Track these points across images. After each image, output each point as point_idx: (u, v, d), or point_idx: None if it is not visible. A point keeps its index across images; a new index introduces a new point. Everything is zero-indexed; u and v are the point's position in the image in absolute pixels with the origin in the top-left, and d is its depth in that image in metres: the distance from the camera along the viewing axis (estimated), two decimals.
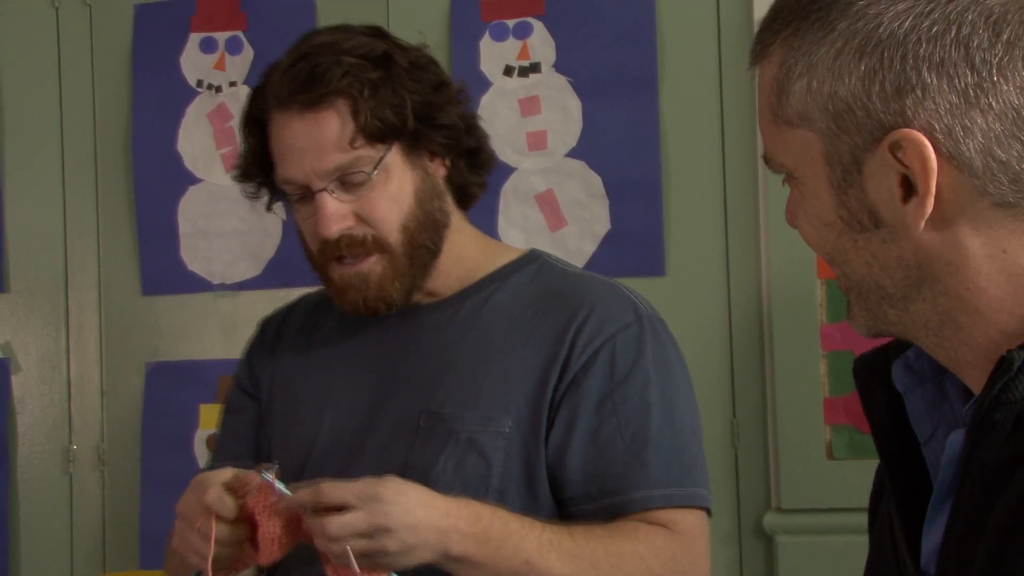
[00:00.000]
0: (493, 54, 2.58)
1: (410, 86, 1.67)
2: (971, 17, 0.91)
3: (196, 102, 2.73)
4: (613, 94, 2.54)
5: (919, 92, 0.92)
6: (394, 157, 1.67)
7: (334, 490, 1.47)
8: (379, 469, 1.59)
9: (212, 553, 1.50)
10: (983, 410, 0.92)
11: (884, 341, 1.11)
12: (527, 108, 2.58)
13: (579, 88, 2.56)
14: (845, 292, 1.04)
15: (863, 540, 1.17)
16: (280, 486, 1.51)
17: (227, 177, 2.71)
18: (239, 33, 2.72)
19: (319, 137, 1.64)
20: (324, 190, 1.65)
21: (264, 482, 1.51)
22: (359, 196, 1.66)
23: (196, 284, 2.72)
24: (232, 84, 2.71)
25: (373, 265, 1.68)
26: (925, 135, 0.92)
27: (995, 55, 0.91)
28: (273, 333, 1.90)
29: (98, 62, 2.77)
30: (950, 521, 0.94)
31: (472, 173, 1.78)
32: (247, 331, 2.69)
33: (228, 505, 1.51)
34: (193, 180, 2.73)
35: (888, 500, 1.08)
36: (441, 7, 2.63)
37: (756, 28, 2.84)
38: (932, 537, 0.99)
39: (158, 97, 2.73)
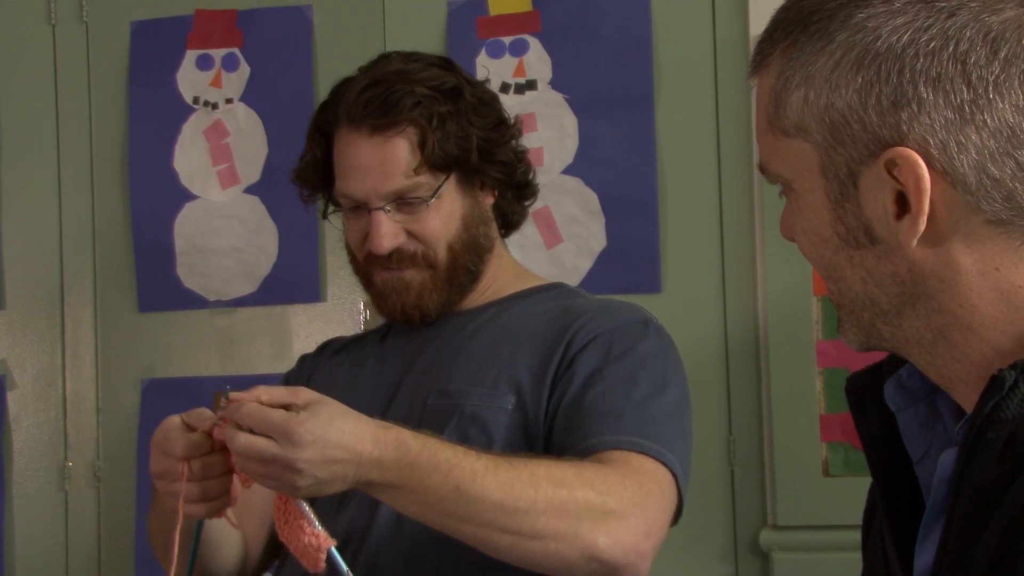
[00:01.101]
0: (489, 71, 2.59)
1: (475, 120, 1.77)
2: (969, 34, 0.91)
3: (192, 119, 2.73)
4: (609, 111, 2.55)
5: (915, 106, 0.93)
6: (450, 185, 1.76)
7: (255, 412, 1.45)
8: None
9: (184, 491, 1.50)
10: (975, 429, 0.92)
11: (877, 358, 1.11)
12: (523, 125, 2.58)
13: (575, 105, 2.56)
14: (837, 307, 1.04)
15: (859, 557, 1.16)
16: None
17: (223, 194, 2.71)
18: (235, 50, 2.72)
19: (385, 160, 1.73)
20: (381, 209, 1.74)
21: (221, 409, 1.49)
22: (412, 216, 1.75)
23: (192, 301, 2.71)
24: (228, 101, 2.72)
25: (415, 275, 1.77)
26: (920, 150, 0.92)
27: (992, 72, 0.91)
28: (313, 355, 2.00)
29: (95, 78, 2.77)
30: (942, 540, 0.94)
31: (517, 203, 1.89)
32: (243, 348, 2.72)
33: (192, 439, 1.51)
34: (189, 197, 2.72)
35: (881, 518, 1.08)
36: (438, 24, 2.64)
37: (752, 45, 2.85)
38: (924, 556, 0.98)
39: (154, 114, 2.73)
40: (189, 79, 2.73)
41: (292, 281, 2.68)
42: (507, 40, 2.60)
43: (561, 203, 2.55)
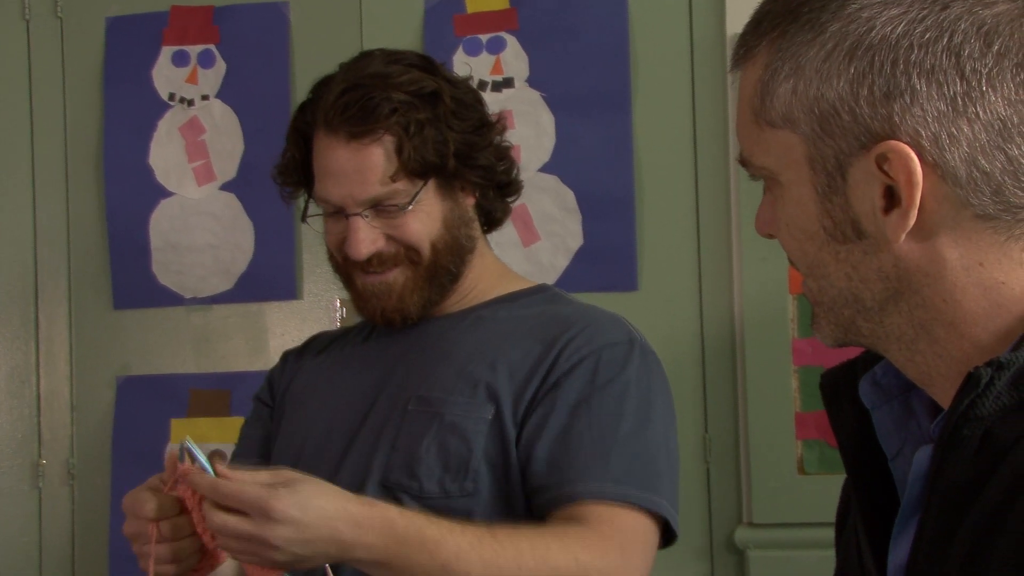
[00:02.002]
0: (466, 69, 2.58)
1: (454, 124, 1.76)
2: (964, 26, 0.92)
3: (168, 115, 2.72)
4: (586, 109, 2.55)
5: (907, 98, 0.93)
6: (429, 190, 1.75)
7: (229, 490, 1.45)
8: (371, 453, 1.68)
9: (152, 555, 1.49)
10: (950, 426, 0.92)
11: (852, 354, 1.11)
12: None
13: (552, 103, 2.57)
14: (814, 304, 1.03)
15: (834, 554, 1.17)
16: (202, 459, 1.48)
17: (199, 190, 2.71)
18: (211, 47, 2.71)
19: (362, 167, 1.72)
20: (359, 215, 1.73)
21: (182, 469, 1.48)
22: (391, 221, 1.74)
23: (167, 298, 2.70)
24: (204, 98, 2.71)
25: (398, 275, 1.77)
26: (911, 143, 0.92)
27: (985, 65, 0.92)
28: (297, 352, 1.99)
29: (69, 75, 2.75)
30: (917, 538, 0.94)
31: (500, 200, 1.87)
32: (219, 345, 2.71)
33: (162, 501, 1.50)
34: (165, 194, 2.71)
35: (855, 515, 1.08)
36: (415, 22, 2.63)
37: (730, 44, 2.84)
38: (898, 553, 0.98)
39: (130, 110, 2.72)
40: (165, 75, 2.72)
41: (268, 278, 2.67)
42: (484, 38, 2.60)
43: (538, 201, 2.55)
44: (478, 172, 1.80)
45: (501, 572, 1.53)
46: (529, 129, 2.57)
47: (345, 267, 1.80)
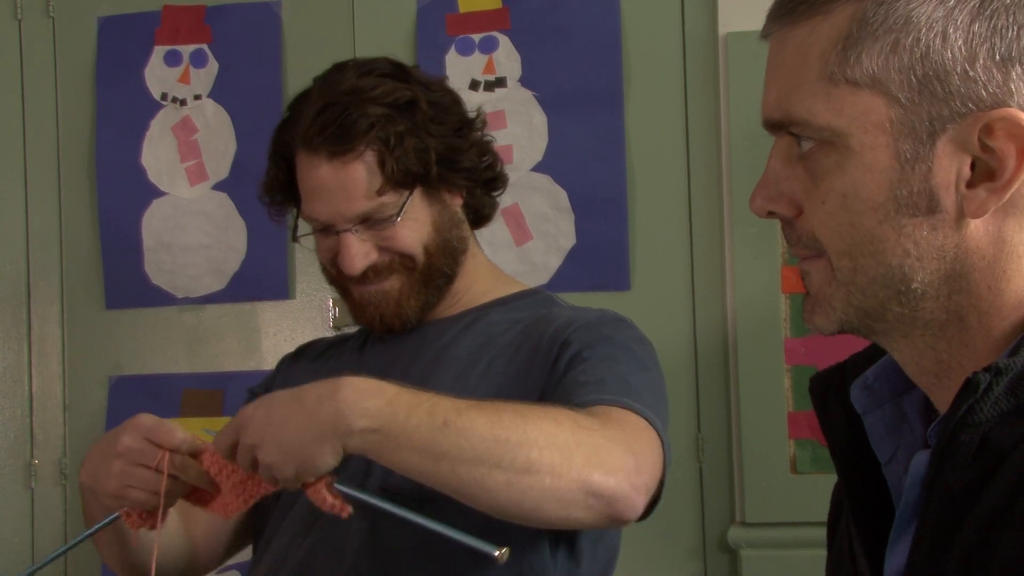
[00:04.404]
0: (459, 68, 2.58)
1: (434, 130, 1.74)
2: None
3: (160, 115, 2.72)
4: (579, 109, 2.55)
5: (1022, 67, 0.88)
6: (415, 198, 1.74)
7: (221, 435, 1.51)
8: (369, 463, 1.61)
9: (165, 482, 1.52)
10: (948, 432, 0.91)
11: (843, 356, 1.09)
12: (493, 122, 2.55)
13: (545, 103, 2.57)
14: (838, 285, 0.96)
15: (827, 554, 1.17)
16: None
17: (191, 190, 2.70)
18: (204, 46, 2.71)
19: (346, 184, 1.71)
20: (349, 231, 1.72)
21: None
22: (382, 233, 1.73)
23: (160, 298, 2.70)
24: (197, 97, 2.71)
25: (394, 282, 1.76)
26: None
27: None
28: (291, 357, 1.98)
29: (61, 74, 2.75)
30: (914, 544, 0.93)
31: (487, 196, 1.86)
32: (211, 345, 2.70)
33: (181, 434, 1.55)
34: (157, 193, 2.71)
35: (848, 520, 1.07)
36: (407, 21, 2.63)
37: (722, 43, 2.83)
38: (895, 559, 0.97)
39: (122, 110, 2.72)
40: (157, 75, 2.72)
41: (261, 278, 2.67)
42: (476, 37, 2.60)
43: (530, 200, 2.55)
44: (463, 174, 1.79)
45: (507, 427, 1.44)
46: (521, 129, 2.57)
47: (340, 279, 1.79)
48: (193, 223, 2.69)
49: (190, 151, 2.70)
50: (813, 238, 0.97)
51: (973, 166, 0.90)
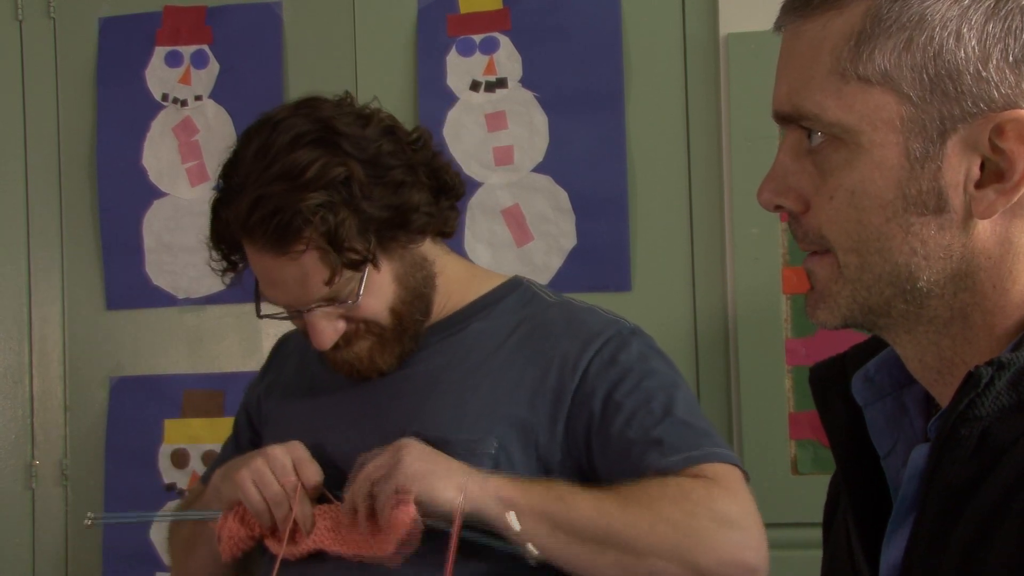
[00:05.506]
0: (460, 69, 2.58)
1: (376, 194, 1.66)
2: None
3: (161, 116, 2.72)
4: (579, 109, 2.55)
5: None
6: (371, 269, 1.69)
7: (356, 489, 1.62)
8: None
9: (295, 512, 1.64)
10: (948, 425, 0.90)
11: (842, 341, 1.09)
12: (493, 123, 2.58)
13: (545, 103, 2.57)
14: (843, 282, 0.96)
15: None
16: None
17: (192, 191, 2.70)
18: (205, 47, 2.71)
19: (299, 277, 1.66)
20: (313, 310, 1.70)
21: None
22: (346, 305, 1.69)
23: (161, 298, 2.70)
24: (198, 98, 2.71)
25: (363, 345, 1.74)
26: None
27: None
28: (274, 352, 2.00)
29: (62, 75, 2.75)
30: (912, 537, 0.93)
31: (451, 211, 1.79)
32: (212, 346, 2.70)
33: (317, 467, 1.68)
34: (158, 194, 2.71)
35: (845, 513, 1.07)
36: (408, 22, 2.63)
37: (723, 43, 2.83)
38: (892, 552, 0.97)
39: (123, 111, 2.72)
40: (158, 76, 2.72)
41: None
42: (477, 38, 2.60)
43: (531, 201, 2.55)
44: (419, 219, 1.72)
45: (638, 520, 1.57)
46: (522, 129, 2.57)
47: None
48: (194, 224, 2.68)
49: (191, 152, 2.70)
50: (820, 234, 0.97)
51: (983, 167, 0.90)
